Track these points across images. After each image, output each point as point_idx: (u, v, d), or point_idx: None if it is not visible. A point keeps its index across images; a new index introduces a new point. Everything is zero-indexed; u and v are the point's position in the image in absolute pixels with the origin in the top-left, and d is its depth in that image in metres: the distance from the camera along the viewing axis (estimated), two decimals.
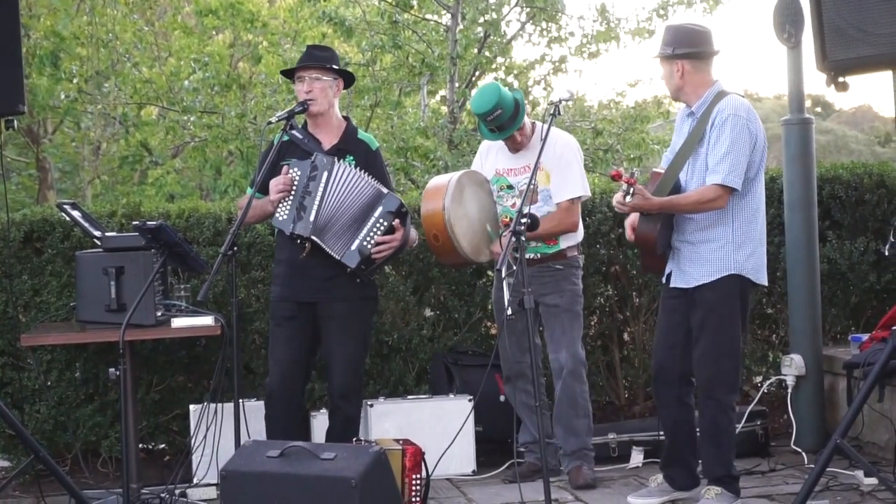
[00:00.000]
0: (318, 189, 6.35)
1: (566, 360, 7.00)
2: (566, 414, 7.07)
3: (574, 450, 7.08)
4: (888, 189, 8.50)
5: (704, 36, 6.33)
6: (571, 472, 7.06)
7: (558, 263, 7.06)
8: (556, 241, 7.03)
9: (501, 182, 7.13)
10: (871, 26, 5.37)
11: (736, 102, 6.21)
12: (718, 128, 6.14)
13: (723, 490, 6.27)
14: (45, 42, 15.27)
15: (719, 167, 6.08)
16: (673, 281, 6.41)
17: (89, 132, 18.20)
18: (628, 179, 5.96)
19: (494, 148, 7.25)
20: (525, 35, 14.44)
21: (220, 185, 15.64)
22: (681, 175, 6.30)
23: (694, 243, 6.29)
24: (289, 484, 5.37)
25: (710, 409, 6.29)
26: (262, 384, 7.27)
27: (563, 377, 7.01)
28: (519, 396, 7.21)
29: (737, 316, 6.29)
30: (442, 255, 7.00)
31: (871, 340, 7.41)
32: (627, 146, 13.94)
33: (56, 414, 7.62)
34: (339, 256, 6.34)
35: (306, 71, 6.58)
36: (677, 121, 6.65)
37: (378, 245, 6.37)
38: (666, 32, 6.39)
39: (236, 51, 17.45)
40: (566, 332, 7.05)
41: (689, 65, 6.27)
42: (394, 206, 6.41)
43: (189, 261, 6.58)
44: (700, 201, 6.12)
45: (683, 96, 6.37)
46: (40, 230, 7.72)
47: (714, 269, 6.22)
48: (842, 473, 6.87)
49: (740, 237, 6.23)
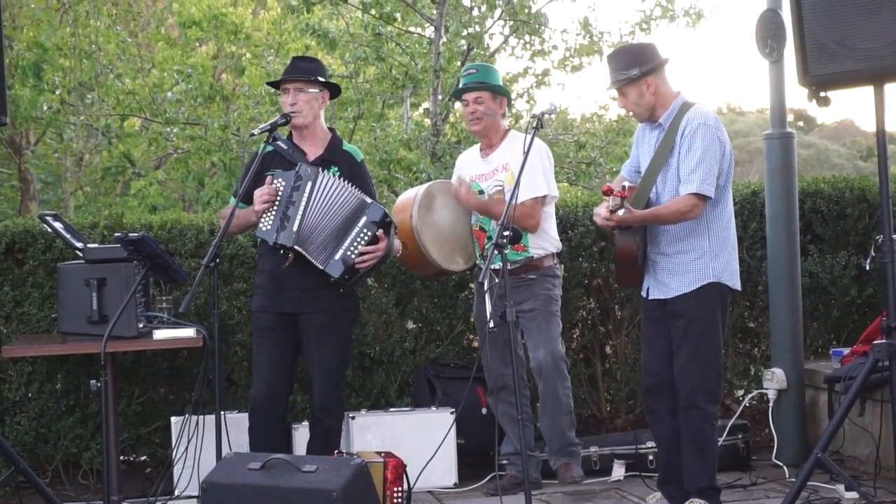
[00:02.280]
0: (301, 199, 6.34)
1: (544, 356, 6.95)
2: (550, 410, 7.02)
3: (560, 447, 7.06)
4: (869, 203, 8.53)
5: (655, 48, 6.35)
6: (559, 469, 7.07)
7: (531, 273, 7.03)
8: (524, 248, 6.97)
9: (475, 188, 7.12)
10: (853, 41, 5.39)
11: (704, 112, 6.22)
12: (689, 138, 6.13)
13: (705, 502, 6.27)
14: (28, 53, 15.27)
15: (693, 176, 6.08)
16: (651, 293, 6.41)
17: (72, 143, 18.18)
18: (621, 193, 5.93)
19: (468, 158, 7.38)
20: (508, 48, 14.51)
21: (203, 197, 15.66)
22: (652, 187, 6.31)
23: (670, 255, 6.29)
24: (270, 496, 5.36)
25: (695, 419, 6.26)
26: (245, 396, 7.27)
27: (544, 375, 6.96)
28: (502, 408, 7.18)
29: (717, 325, 6.29)
30: (414, 265, 7.14)
31: (853, 354, 7.43)
32: (610, 159, 13.98)
33: (37, 426, 7.60)
34: (323, 266, 6.32)
35: (291, 83, 6.58)
36: (638, 132, 6.60)
37: (362, 255, 6.36)
38: (617, 59, 6.34)
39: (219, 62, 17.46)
40: (543, 330, 7.00)
41: (657, 79, 6.27)
42: (377, 216, 6.40)
43: (171, 272, 6.57)
44: (679, 211, 6.11)
45: (654, 112, 6.34)
46: (22, 241, 7.70)
47: (693, 280, 6.22)
48: (823, 487, 6.88)
49: (717, 246, 6.23)
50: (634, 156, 6.62)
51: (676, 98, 6.30)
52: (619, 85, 6.29)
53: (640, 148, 6.53)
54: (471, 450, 7.69)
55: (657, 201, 6.27)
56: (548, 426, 7.08)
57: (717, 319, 6.28)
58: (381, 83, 13.85)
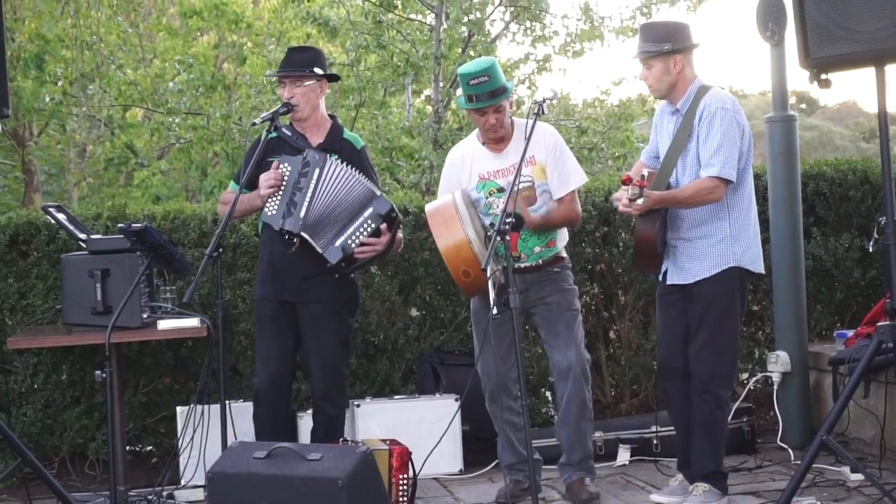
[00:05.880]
0: (309, 185, 6.34)
1: (575, 358, 6.57)
2: (575, 416, 6.62)
3: (580, 458, 6.69)
4: (872, 185, 8.53)
5: (690, 30, 6.32)
6: (574, 484, 6.69)
7: (555, 267, 6.74)
8: (554, 243, 6.70)
9: (490, 186, 6.63)
10: (854, 23, 5.37)
11: (721, 95, 6.22)
12: (708, 121, 6.13)
13: (710, 487, 6.28)
14: (30, 45, 15.26)
15: (714, 160, 6.07)
16: (669, 278, 6.40)
17: (75, 135, 18.14)
18: (640, 183, 5.88)
19: (469, 155, 6.77)
20: (509, 34, 14.47)
21: (206, 187, 15.64)
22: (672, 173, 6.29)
23: (690, 239, 6.28)
24: (276, 485, 5.37)
25: (708, 404, 6.27)
26: (249, 385, 7.29)
27: (572, 377, 6.57)
28: (504, 414, 6.72)
29: (736, 310, 6.31)
30: (472, 290, 6.49)
31: (857, 336, 7.45)
32: (612, 144, 13.97)
33: (43, 417, 7.62)
34: (322, 251, 6.33)
35: (286, 77, 6.57)
36: (657, 118, 6.60)
37: (362, 246, 6.37)
38: (652, 29, 6.30)
39: (221, 52, 17.40)
40: (572, 329, 6.67)
41: (685, 59, 6.26)
42: (384, 209, 6.38)
43: (174, 262, 6.57)
44: (699, 193, 6.09)
45: (672, 93, 6.32)
46: (26, 233, 7.70)
47: (713, 264, 6.22)
48: (828, 469, 6.90)
49: (737, 230, 6.24)
50: (653, 141, 6.61)
51: (693, 82, 6.29)
52: (648, 56, 6.24)
53: (659, 133, 6.52)
54: (476, 436, 7.69)
55: (677, 186, 6.25)
56: (570, 434, 6.68)
57: (735, 305, 6.30)
58: (382, 71, 13.83)
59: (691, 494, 6.31)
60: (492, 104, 6.46)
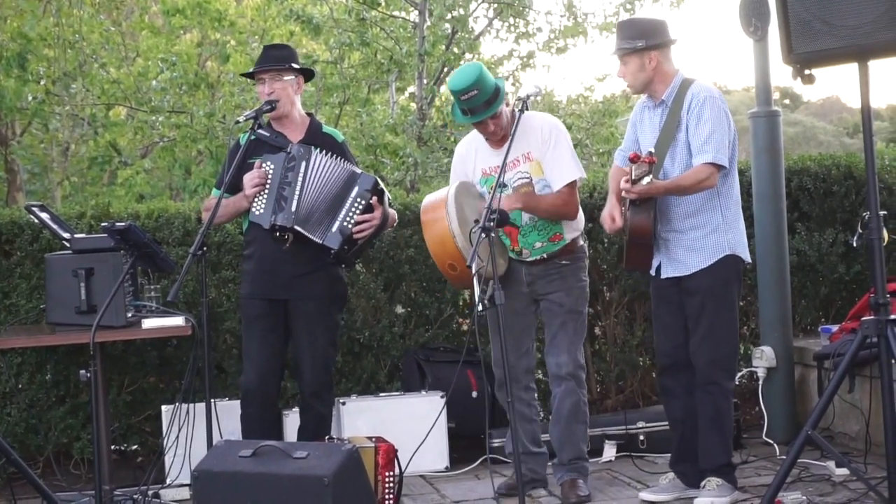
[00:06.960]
0: (297, 179, 6.35)
1: (567, 363, 6.56)
2: (567, 419, 6.61)
3: (571, 458, 6.65)
4: (856, 180, 8.54)
5: (666, 26, 6.34)
6: (564, 485, 6.62)
7: (565, 259, 6.61)
8: (560, 237, 6.57)
9: (492, 181, 6.38)
10: (836, 19, 5.38)
11: (707, 86, 6.25)
12: (697, 110, 6.14)
13: (723, 481, 6.25)
14: (12, 44, 15.20)
15: (707, 146, 6.07)
16: (664, 271, 6.38)
17: (58, 133, 18.12)
18: (649, 159, 5.85)
19: (474, 149, 6.73)
20: (493, 31, 14.53)
21: (190, 185, 15.62)
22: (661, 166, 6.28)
23: (683, 231, 6.27)
24: (262, 483, 5.37)
25: (713, 395, 6.26)
26: (235, 383, 7.28)
27: (565, 382, 6.57)
28: (517, 405, 6.44)
29: (734, 299, 6.32)
30: (460, 282, 6.54)
31: (841, 331, 7.46)
32: (596, 140, 14.01)
33: (27, 416, 7.59)
34: (321, 240, 6.32)
35: (266, 73, 6.58)
36: (636, 115, 6.57)
37: (359, 224, 6.37)
38: (627, 27, 6.34)
39: (204, 50, 17.40)
40: (569, 334, 6.61)
41: (660, 55, 6.27)
42: (369, 184, 6.41)
43: (159, 261, 6.56)
44: (698, 180, 6.07)
45: (651, 88, 6.32)
46: (9, 232, 7.68)
47: (710, 254, 6.22)
48: (813, 464, 6.90)
49: (729, 218, 6.25)
50: (630, 139, 6.56)
51: (676, 76, 6.30)
52: (622, 53, 6.28)
53: (641, 129, 6.49)
54: (462, 433, 7.69)
55: (664, 179, 6.23)
56: (560, 434, 6.67)
57: (732, 294, 6.32)
58: (366, 68, 13.85)
59: (703, 489, 6.25)
60: (488, 115, 6.40)
